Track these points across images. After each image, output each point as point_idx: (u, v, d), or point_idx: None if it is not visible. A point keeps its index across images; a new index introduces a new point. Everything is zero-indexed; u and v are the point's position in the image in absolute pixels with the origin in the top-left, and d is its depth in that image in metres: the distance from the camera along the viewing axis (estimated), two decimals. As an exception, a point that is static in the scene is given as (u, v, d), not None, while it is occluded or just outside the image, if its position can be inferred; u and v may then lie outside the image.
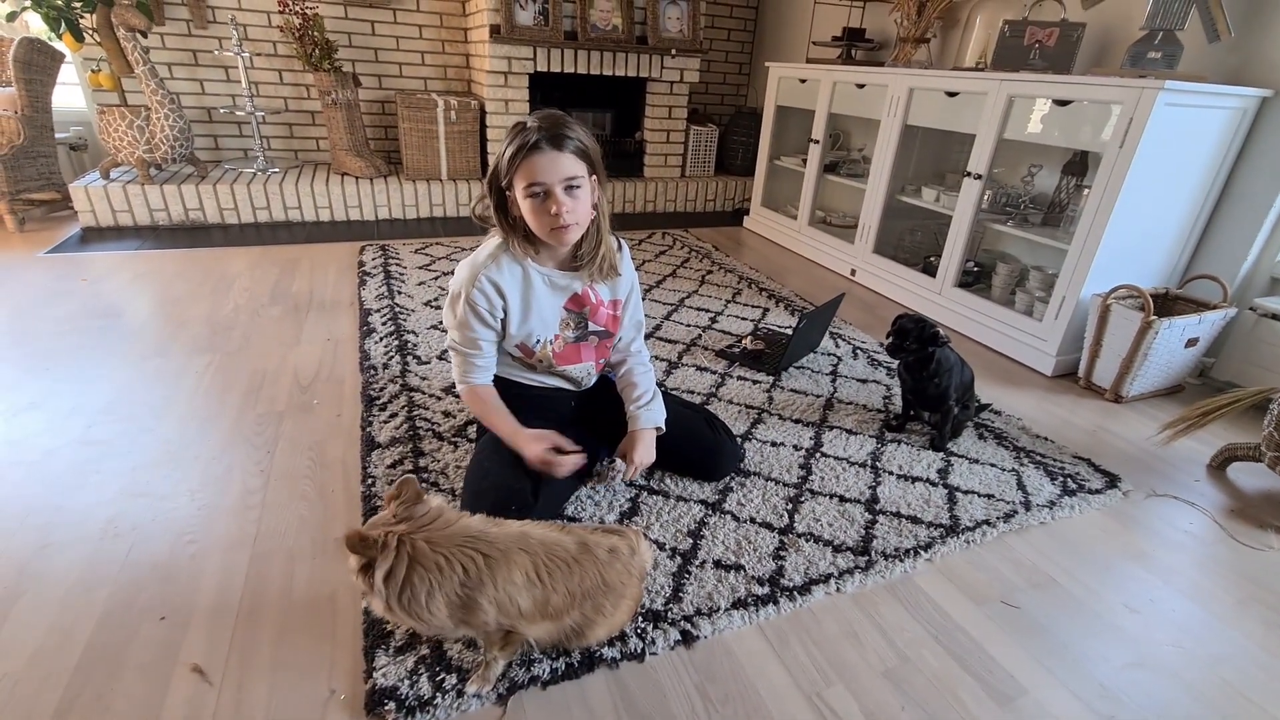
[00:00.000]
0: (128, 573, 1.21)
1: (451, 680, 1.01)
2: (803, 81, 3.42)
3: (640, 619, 1.15)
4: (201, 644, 1.08)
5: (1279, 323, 2.04)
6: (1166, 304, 2.20)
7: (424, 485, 1.47)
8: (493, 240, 1.30)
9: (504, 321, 1.30)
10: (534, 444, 1.31)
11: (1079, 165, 2.39)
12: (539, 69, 3.65)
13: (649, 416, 1.43)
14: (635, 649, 1.10)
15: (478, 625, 0.95)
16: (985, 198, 2.52)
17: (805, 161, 3.46)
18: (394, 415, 1.74)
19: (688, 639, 1.13)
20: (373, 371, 1.96)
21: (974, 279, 2.72)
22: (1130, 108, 1.94)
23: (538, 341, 1.36)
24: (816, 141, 3.33)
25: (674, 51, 3.85)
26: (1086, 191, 2.16)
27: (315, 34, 3.45)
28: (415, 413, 1.75)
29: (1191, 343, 2.07)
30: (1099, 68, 2.43)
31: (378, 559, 0.89)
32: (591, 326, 1.41)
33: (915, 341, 1.67)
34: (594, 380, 1.51)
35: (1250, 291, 2.17)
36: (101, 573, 1.21)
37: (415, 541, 0.92)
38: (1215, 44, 2.06)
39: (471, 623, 0.95)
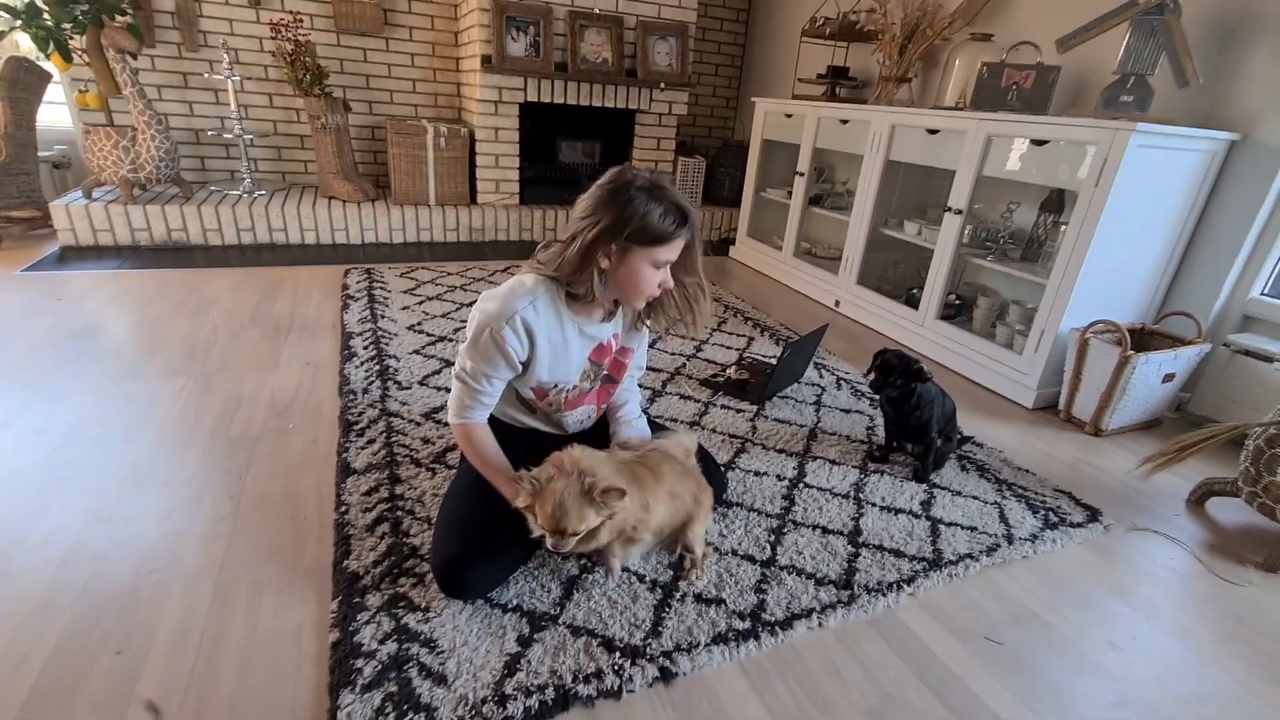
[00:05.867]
0: (86, 601, 1.17)
1: (419, 719, 0.98)
2: (788, 116, 3.50)
3: (617, 655, 1.12)
4: (158, 679, 1.03)
5: (1252, 359, 2.08)
6: (1143, 339, 2.24)
7: (399, 514, 1.43)
8: (527, 278, 1.22)
9: (527, 363, 1.24)
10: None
11: (1056, 202, 2.44)
12: (529, 99, 3.70)
13: (637, 426, 1.44)
14: (612, 686, 1.07)
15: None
16: (966, 232, 2.56)
17: (791, 194, 3.51)
18: (372, 441, 1.71)
19: (666, 676, 1.10)
20: (352, 396, 1.93)
21: (956, 312, 2.75)
22: (1105, 148, 2.00)
23: (556, 387, 1.31)
24: (802, 174, 3.39)
25: (663, 85, 3.92)
26: (1063, 228, 2.21)
27: (307, 60, 3.49)
28: (394, 439, 1.72)
29: (1168, 378, 2.10)
30: (1074, 109, 2.51)
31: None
32: (603, 372, 1.39)
33: (900, 377, 1.68)
34: (589, 425, 1.47)
35: (1224, 328, 2.22)
36: (59, 602, 1.16)
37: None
38: (1185, 89, 2.13)
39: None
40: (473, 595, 1.20)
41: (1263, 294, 2.17)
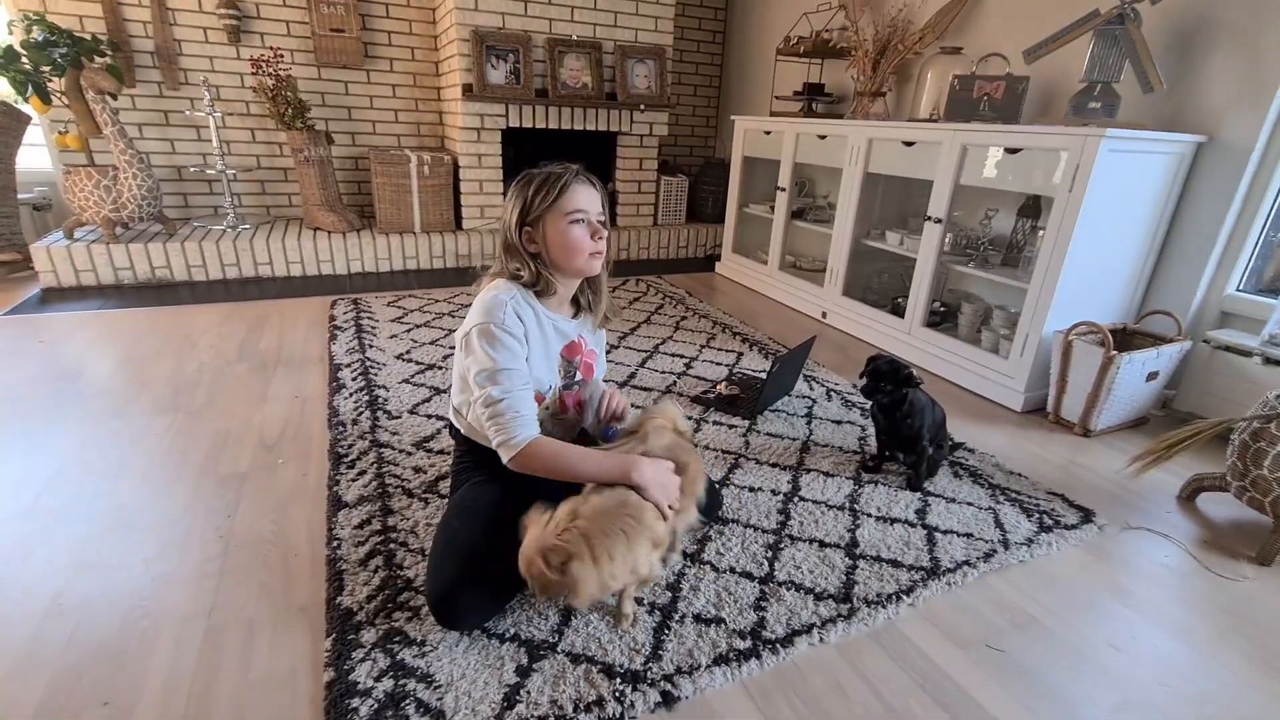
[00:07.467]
0: (71, 653, 1.14)
1: (419, 757, 0.96)
2: (767, 133, 3.55)
3: (618, 681, 1.11)
4: (149, 729, 1.01)
5: (1233, 355, 2.11)
6: (1125, 339, 2.26)
7: (392, 547, 1.42)
8: (499, 283, 1.27)
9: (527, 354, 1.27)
10: (653, 466, 1.19)
11: (1033, 208, 2.48)
12: (511, 125, 3.73)
13: (608, 394, 1.46)
14: (613, 714, 1.05)
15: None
16: (946, 240, 2.60)
17: (773, 208, 3.55)
18: (363, 473, 1.69)
19: (668, 700, 1.09)
20: (341, 428, 1.91)
21: (941, 319, 2.78)
22: (1076, 154, 2.04)
23: (549, 387, 1.35)
24: (783, 189, 3.43)
25: (643, 107, 3.97)
26: (1041, 233, 2.24)
27: (288, 94, 3.51)
28: (385, 469, 1.71)
29: (1152, 376, 2.13)
30: (1044, 117, 2.56)
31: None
32: (576, 375, 1.43)
33: (890, 383, 1.69)
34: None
35: (1202, 325, 2.25)
36: (42, 655, 1.13)
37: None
38: (1150, 94, 2.18)
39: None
40: (467, 625, 1.19)
41: (1238, 290, 2.21)
